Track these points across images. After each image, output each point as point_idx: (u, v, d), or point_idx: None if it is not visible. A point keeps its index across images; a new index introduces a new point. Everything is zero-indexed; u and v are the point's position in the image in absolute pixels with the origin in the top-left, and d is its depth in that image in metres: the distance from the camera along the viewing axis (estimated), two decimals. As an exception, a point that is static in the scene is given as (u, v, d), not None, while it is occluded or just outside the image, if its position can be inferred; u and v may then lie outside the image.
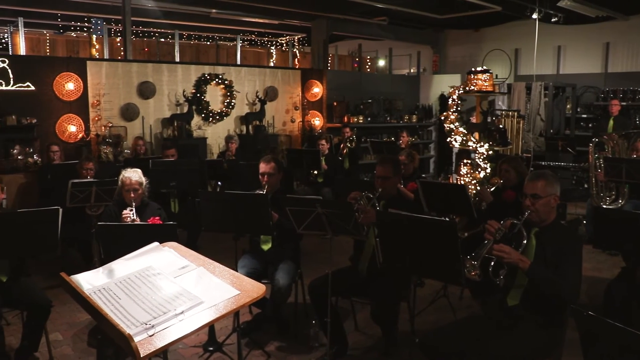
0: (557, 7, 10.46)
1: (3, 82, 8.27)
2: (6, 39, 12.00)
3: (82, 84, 8.99)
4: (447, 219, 4.27)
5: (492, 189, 5.58)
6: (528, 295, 3.11)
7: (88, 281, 1.83)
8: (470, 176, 7.57)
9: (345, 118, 11.87)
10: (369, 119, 12.36)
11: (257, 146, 9.81)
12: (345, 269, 4.39)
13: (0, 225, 3.75)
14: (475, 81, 7.80)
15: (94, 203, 5.65)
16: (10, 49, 11.24)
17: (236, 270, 2.57)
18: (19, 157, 8.24)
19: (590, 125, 12.08)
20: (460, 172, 7.76)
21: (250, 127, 10.86)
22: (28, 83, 8.50)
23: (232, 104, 10.74)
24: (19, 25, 10.25)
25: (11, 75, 8.34)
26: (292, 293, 4.65)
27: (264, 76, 11.39)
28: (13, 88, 8.36)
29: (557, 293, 2.97)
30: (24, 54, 10.43)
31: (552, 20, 11.26)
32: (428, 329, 4.66)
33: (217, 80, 10.54)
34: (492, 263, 3.01)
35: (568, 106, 12.20)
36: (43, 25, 12.53)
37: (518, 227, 3.14)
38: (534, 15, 10.67)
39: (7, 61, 8.36)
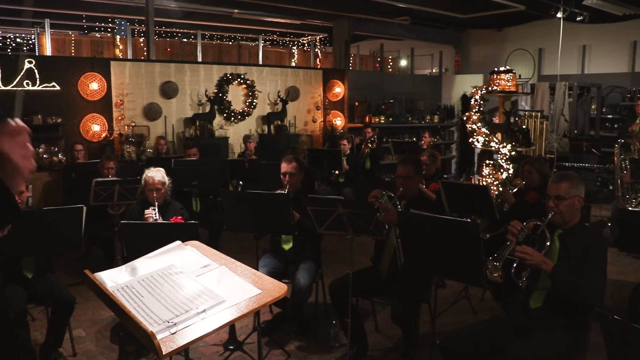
0: (582, 5, 10.31)
1: (30, 82, 8.41)
2: (33, 40, 12.21)
3: (105, 84, 9.11)
4: (469, 220, 4.24)
5: (514, 190, 5.53)
6: (551, 298, 3.07)
7: (111, 279, 1.85)
8: (493, 177, 7.52)
9: (367, 118, 11.86)
10: (390, 119, 12.32)
11: (279, 146, 9.84)
12: (366, 270, 4.38)
13: (26, 223, 3.81)
14: (498, 81, 7.75)
15: (116, 202, 5.71)
16: (37, 50, 11.42)
17: (257, 270, 2.58)
18: (44, 155, 8.36)
19: (615, 126, 11.89)
20: (483, 173, 7.71)
21: (271, 127, 10.89)
22: (53, 83, 8.62)
23: (254, 103, 10.78)
24: (46, 26, 10.41)
25: (37, 76, 8.47)
26: (312, 293, 4.65)
27: (285, 76, 11.41)
28: (39, 88, 8.49)
29: (580, 296, 2.93)
30: (50, 54, 10.58)
31: (577, 19, 11.10)
32: (449, 331, 4.63)
33: (239, 80, 10.59)
34: (515, 265, 2.98)
35: (593, 106, 12.02)
36: (68, 26, 12.71)
37: (541, 229, 3.11)
38: (559, 14, 10.54)
39: (33, 62, 8.50)
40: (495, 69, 7.90)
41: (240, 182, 7.41)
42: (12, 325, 1.45)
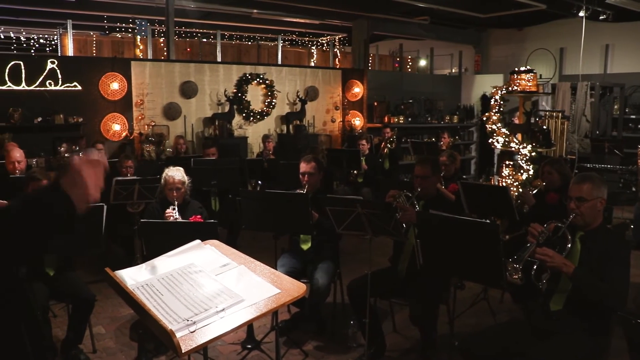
0: (605, 4, 10.16)
1: (52, 82, 8.52)
2: (56, 41, 12.36)
3: (126, 84, 9.20)
4: (488, 221, 4.21)
5: (534, 192, 5.47)
6: (572, 301, 3.03)
7: (131, 277, 1.87)
8: (512, 178, 7.45)
9: (386, 118, 11.82)
10: (409, 119, 12.28)
11: (298, 146, 9.85)
12: (384, 270, 4.37)
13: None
14: (518, 81, 7.69)
15: (136, 200, 5.75)
16: (59, 50, 11.57)
17: (275, 269, 2.58)
18: (65, 154, 8.47)
19: (639, 126, 11.71)
20: (502, 174, 7.65)
21: (290, 126, 10.91)
22: (75, 83, 8.73)
23: (273, 103, 10.81)
24: (68, 27, 10.53)
25: (60, 76, 8.58)
26: (330, 293, 4.65)
27: (304, 76, 11.43)
28: (61, 88, 8.60)
29: (602, 299, 2.88)
30: (72, 54, 10.70)
31: (600, 17, 10.92)
32: (467, 333, 4.60)
33: (258, 80, 10.62)
34: (535, 267, 2.94)
35: (615, 107, 11.86)
36: (90, 27, 12.85)
37: (562, 231, 3.07)
38: (581, 13, 10.40)
39: (56, 62, 8.61)
40: (516, 69, 7.84)
41: (259, 182, 7.43)
42: (39, 324, 1.48)
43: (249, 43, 15.08)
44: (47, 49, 13.71)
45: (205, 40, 13.97)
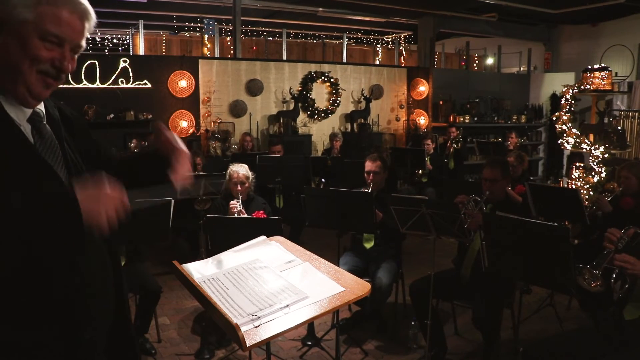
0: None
1: (124, 80, 8.82)
2: (128, 40, 12.79)
3: (194, 82, 9.42)
4: (556, 224, 4.07)
5: (610, 198, 5.25)
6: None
7: (198, 270, 1.90)
8: (583, 180, 7.19)
9: (451, 117, 11.62)
10: (475, 118, 12.03)
11: (362, 144, 9.83)
12: (447, 272, 4.31)
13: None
14: (591, 79, 7.41)
15: (202, 196, 5.87)
16: (131, 50, 11.96)
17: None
18: (135, 150, 8.75)
19: None
20: (572, 176, 7.39)
21: (355, 125, 10.89)
22: (145, 81, 9.01)
23: (338, 101, 10.82)
24: (140, 27, 10.87)
25: (131, 74, 8.88)
26: (392, 292, 4.62)
27: (369, 74, 11.39)
28: (132, 85, 8.90)
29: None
30: (143, 53, 11.04)
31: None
32: (532, 339, 4.48)
33: (323, 78, 10.66)
34: (614, 274, 2.81)
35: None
36: (160, 26, 13.22)
37: (643, 237, 2.92)
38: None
39: (128, 61, 8.92)
40: (589, 67, 7.55)
41: (323, 180, 7.46)
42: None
43: (314, 41, 15.14)
44: (120, 48, 14.19)
45: (271, 38, 14.13)
